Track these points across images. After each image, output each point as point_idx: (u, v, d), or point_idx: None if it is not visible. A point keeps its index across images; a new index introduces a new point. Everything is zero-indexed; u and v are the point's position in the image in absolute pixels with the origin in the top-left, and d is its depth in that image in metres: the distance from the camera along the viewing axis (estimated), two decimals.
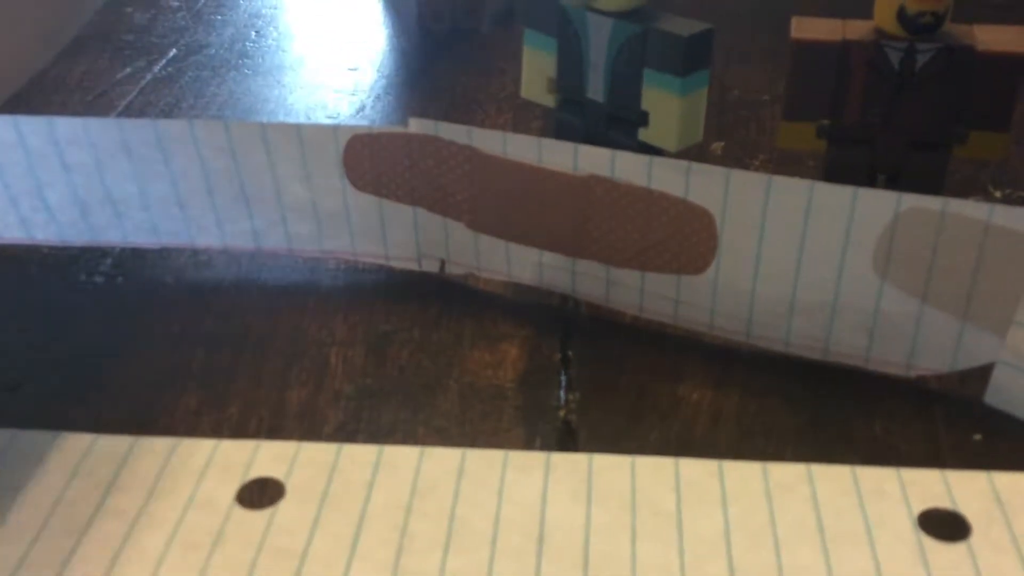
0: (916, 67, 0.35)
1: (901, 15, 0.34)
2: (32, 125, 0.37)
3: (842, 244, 0.32)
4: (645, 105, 0.38)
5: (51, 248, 0.40)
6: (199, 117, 0.49)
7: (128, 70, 0.54)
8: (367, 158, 0.36)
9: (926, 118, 0.36)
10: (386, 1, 0.61)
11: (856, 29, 0.36)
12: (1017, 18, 0.37)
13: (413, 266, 0.38)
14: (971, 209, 0.30)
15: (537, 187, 0.35)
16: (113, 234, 0.39)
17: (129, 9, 0.61)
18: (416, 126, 0.36)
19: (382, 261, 0.39)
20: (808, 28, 0.36)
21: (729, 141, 0.47)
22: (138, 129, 0.37)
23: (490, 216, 0.36)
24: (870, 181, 0.37)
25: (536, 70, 0.42)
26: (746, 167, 0.45)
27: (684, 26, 0.37)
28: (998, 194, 0.42)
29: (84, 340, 0.36)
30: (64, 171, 0.38)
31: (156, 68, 0.54)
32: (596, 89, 0.40)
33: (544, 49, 0.41)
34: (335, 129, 0.36)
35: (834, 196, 0.32)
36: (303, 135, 0.36)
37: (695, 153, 0.39)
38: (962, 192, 0.42)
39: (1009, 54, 0.34)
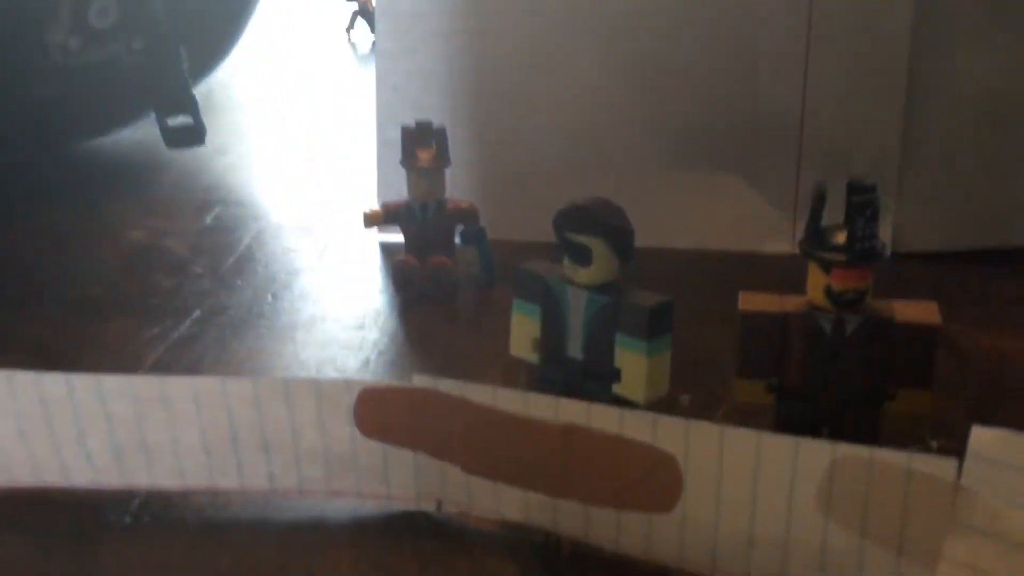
0: (846, 335, 0.41)
1: (829, 292, 0.41)
2: (82, 381, 0.42)
3: (789, 487, 0.37)
4: (617, 363, 0.44)
5: (86, 491, 0.44)
6: (226, 374, 0.54)
7: (156, 330, 0.60)
8: (375, 409, 0.42)
9: (858, 378, 0.42)
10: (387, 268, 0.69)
11: (794, 303, 0.42)
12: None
13: (412, 505, 0.43)
14: (893, 457, 0.35)
15: (523, 435, 0.40)
16: (142, 477, 0.44)
17: (157, 275, 0.68)
18: (419, 381, 0.41)
19: (384, 499, 0.43)
20: (753, 302, 0.43)
21: (696, 394, 0.52)
22: (177, 385, 0.42)
23: (482, 460, 0.41)
24: (815, 432, 0.43)
25: (523, 332, 0.48)
26: (710, 417, 0.50)
27: (649, 298, 0.44)
28: (934, 444, 0.47)
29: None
30: (106, 421, 0.43)
31: (182, 328, 0.60)
32: (575, 348, 0.46)
33: (530, 315, 0.47)
34: (348, 383, 0.42)
35: (779, 445, 0.37)
36: (320, 389, 0.42)
37: (665, 405, 0.44)
38: (904, 441, 0.47)
39: (923, 324, 0.41)
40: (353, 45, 1.46)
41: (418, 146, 0.63)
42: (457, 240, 0.65)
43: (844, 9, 0.67)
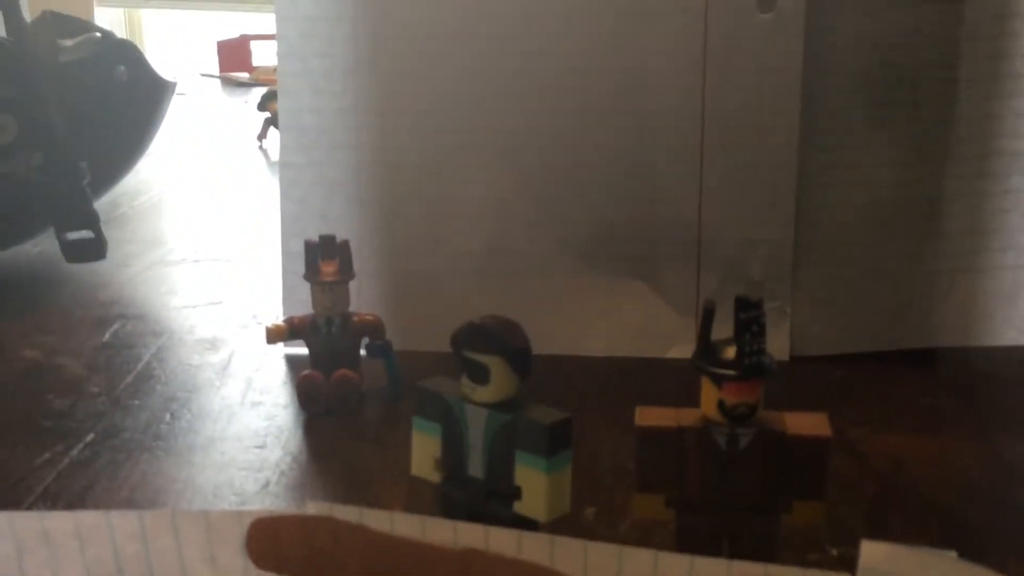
0: (739, 448, 0.41)
1: (721, 406, 0.41)
2: None
3: None
4: (518, 481, 0.44)
5: None
6: (118, 501, 0.52)
7: (47, 455, 0.58)
8: (269, 540, 0.40)
9: (754, 490, 0.42)
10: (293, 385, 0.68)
11: (689, 416, 0.43)
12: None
13: None
14: (788, 574, 0.35)
15: (422, 562, 0.39)
16: None
17: (50, 396, 0.66)
18: (313, 508, 0.40)
19: None
20: (649, 416, 0.43)
21: (601, 507, 0.52)
22: (58, 520, 0.40)
23: None
24: (715, 544, 0.43)
25: (424, 451, 0.47)
26: (616, 529, 0.50)
27: (547, 415, 0.44)
28: (834, 552, 0.48)
29: None
30: None
31: (73, 452, 0.58)
32: (476, 467, 0.45)
33: (431, 433, 0.47)
34: (239, 514, 0.40)
35: (676, 564, 0.37)
36: (209, 520, 0.40)
37: (570, 519, 0.44)
38: (804, 549, 0.47)
39: (813, 437, 0.41)
40: (265, 152, 1.46)
41: (322, 260, 0.63)
42: (363, 353, 0.65)
43: (735, 116, 0.69)
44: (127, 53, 0.93)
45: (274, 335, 0.64)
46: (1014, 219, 0.72)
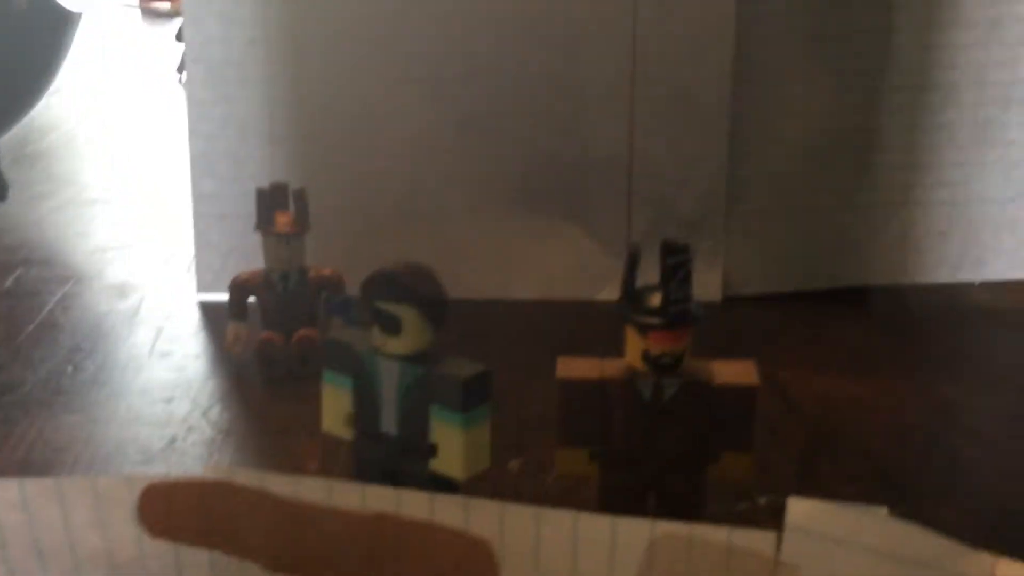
0: (665, 399, 0.39)
1: (646, 356, 0.39)
2: None
3: (609, 568, 0.35)
4: (433, 438, 0.42)
5: None
6: (12, 461, 0.49)
7: None
8: (163, 506, 0.38)
9: (681, 442, 0.40)
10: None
11: (612, 367, 0.41)
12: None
13: None
14: (713, 534, 0.34)
15: (328, 526, 0.37)
16: None
17: None
18: (211, 472, 0.38)
19: None
20: (571, 367, 0.41)
21: (527, 458, 0.50)
22: None
23: (285, 557, 0.38)
24: (641, 500, 0.41)
25: (335, 406, 0.44)
26: (540, 483, 0.48)
27: (463, 368, 0.41)
28: (763, 500, 0.46)
29: None
30: None
31: None
32: (389, 423, 0.43)
33: (342, 388, 0.44)
34: (129, 480, 0.38)
35: (597, 526, 0.35)
36: (97, 487, 0.37)
37: (493, 473, 0.42)
38: (732, 500, 0.46)
39: (741, 386, 0.40)
40: (184, 87, 1.40)
41: (275, 210, 0.58)
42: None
43: (666, 52, 0.67)
44: None
45: (235, 342, 0.59)
46: (949, 154, 0.71)
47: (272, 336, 0.58)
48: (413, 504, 0.36)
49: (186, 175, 0.70)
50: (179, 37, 1.43)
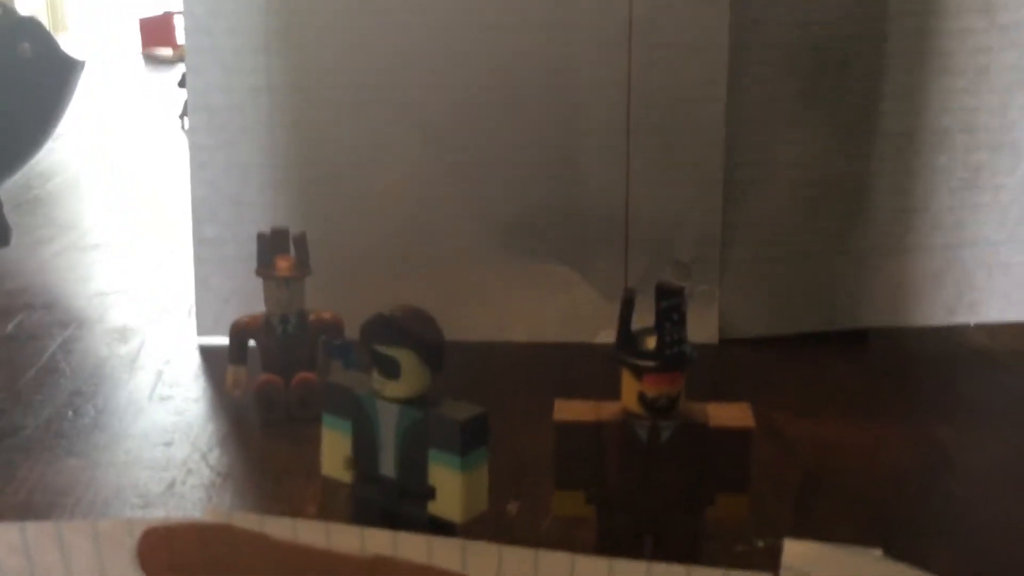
0: (661, 442, 0.40)
1: (642, 398, 0.40)
2: None
3: None
4: (432, 481, 0.42)
5: None
6: (13, 505, 0.49)
7: None
8: (162, 550, 0.38)
9: (677, 484, 0.40)
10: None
11: (609, 410, 0.41)
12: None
13: None
14: (710, 575, 0.34)
15: (327, 570, 0.37)
16: None
17: None
18: (211, 515, 0.38)
19: None
20: (567, 410, 0.41)
21: (525, 500, 0.50)
22: None
23: None
24: (638, 542, 0.41)
25: (334, 449, 0.45)
26: (538, 526, 0.48)
27: (461, 411, 0.41)
28: (760, 543, 0.46)
29: None
30: None
31: None
32: (388, 466, 0.43)
33: (341, 431, 0.44)
34: (129, 523, 0.38)
35: (593, 567, 0.35)
36: (98, 531, 0.38)
37: (491, 515, 0.42)
38: (730, 542, 0.46)
39: (736, 428, 0.40)
40: (187, 133, 1.41)
41: (275, 254, 0.58)
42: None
43: (661, 98, 0.68)
44: (31, 29, 0.88)
45: (234, 385, 0.60)
46: (942, 198, 0.72)
47: (272, 379, 0.59)
48: (411, 547, 0.36)
49: (187, 220, 0.71)
50: (182, 83, 1.46)
